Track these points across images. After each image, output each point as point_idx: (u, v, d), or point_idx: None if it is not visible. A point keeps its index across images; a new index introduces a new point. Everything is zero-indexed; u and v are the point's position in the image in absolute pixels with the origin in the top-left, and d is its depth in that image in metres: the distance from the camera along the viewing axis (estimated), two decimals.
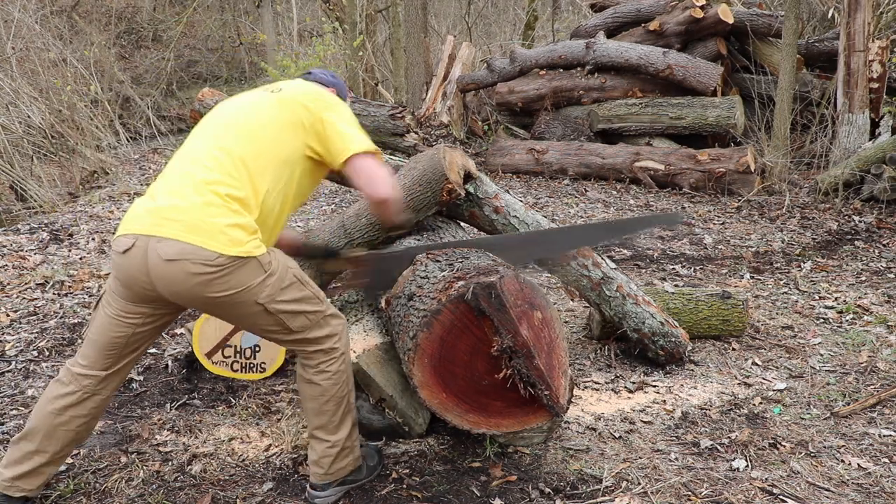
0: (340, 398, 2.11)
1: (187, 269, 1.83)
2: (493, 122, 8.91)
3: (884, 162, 5.84)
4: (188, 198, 1.87)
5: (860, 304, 3.91)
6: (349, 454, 2.17)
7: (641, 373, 3.12)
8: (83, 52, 10.14)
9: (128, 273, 1.90)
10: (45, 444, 2.03)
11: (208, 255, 1.82)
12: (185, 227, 1.83)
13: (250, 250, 1.88)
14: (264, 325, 2.01)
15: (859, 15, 6.58)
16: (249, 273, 1.89)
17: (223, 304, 1.91)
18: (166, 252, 1.82)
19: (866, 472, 2.34)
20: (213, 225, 1.84)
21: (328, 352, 2.08)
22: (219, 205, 1.86)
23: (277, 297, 1.95)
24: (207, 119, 2.08)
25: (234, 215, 1.87)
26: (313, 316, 2.04)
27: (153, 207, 1.89)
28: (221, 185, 1.88)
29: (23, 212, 6.62)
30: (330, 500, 2.17)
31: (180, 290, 1.87)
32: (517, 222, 2.94)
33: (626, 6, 8.55)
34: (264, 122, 1.99)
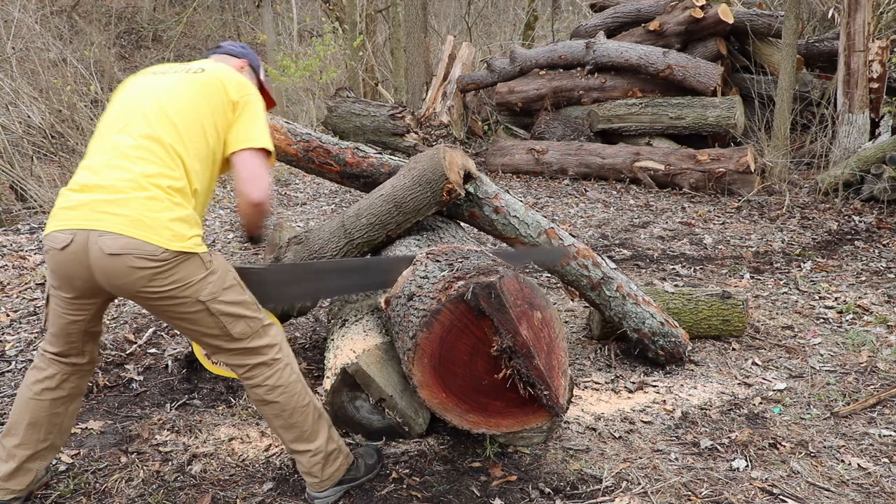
0: (304, 406, 2.08)
1: (130, 264, 1.80)
2: (493, 122, 8.91)
3: (884, 162, 5.84)
4: (127, 191, 1.83)
5: (860, 304, 3.91)
6: (337, 456, 2.16)
7: (641, 373, 3.12)
8: (83, 52, 10.14)
9: (67, 269, 1.86)
10: (28, 434, 2.03)
11: (152, 250, 1.81)
12: (128, 221, 1.80)
13: (192, 246, 1.88)
14: (206, 328, 1.96)
15: (859, 15, 6.58)
16: (192, 269, 1.89)
17: (165, 300, 1.88)
18: (109, 246, 1.80)
19: (866, 472, 2.34)
20: (157, 219, 1.82)
21: (270, 364, 2.04)
22: (162, 198, 1.84)
23: (219, 296, 1.93)
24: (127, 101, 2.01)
25: (176, 208, 1.86)
26: (253, 323, 2.01)
27: (88, 200, 1.83)
28: (161, 178, 1.86)
29: (23, 212, 6.62)
30: (330, 500, 2.17)
31: (122, 283, 1.84)
32: (517, 222, 2.95)
33: (626, 6, 8.55)
34: (191, 110, 1.96)
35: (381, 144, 7.75)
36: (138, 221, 1.81)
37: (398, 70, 10.27)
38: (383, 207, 2.85)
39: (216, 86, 2.02)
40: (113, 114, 2.00)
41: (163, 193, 1.85)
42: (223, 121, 2.01)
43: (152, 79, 2.06)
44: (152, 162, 1.87)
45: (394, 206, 2.83)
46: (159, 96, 1.98)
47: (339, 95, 8.42)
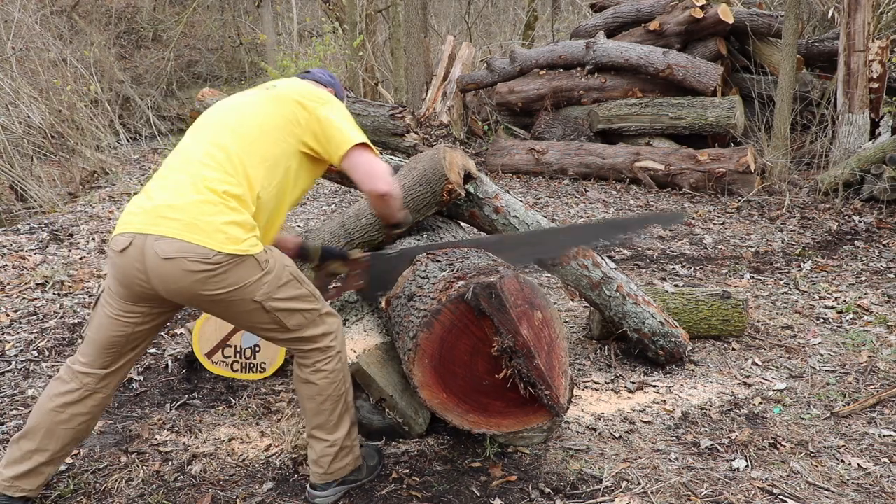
0: (338, 397, 2.12)
1: (185, 267, 1.83)
2: (493, 122, 8.91)
3: (884, 162, 5.84)
4: (185, 195, 1.87)
5: (860, 304, 3.91)
6: (349, 453, 2.17)
7: (641, 373, 3.12)
8: (83, 52, 10.14)
9: (125, 272, 1.90)
10: (45, 443, 2.03)
11: (206, 253, 1.83)
12: (182, 224, 1.84)
13: (247, 248, 1.89)
14: (261, 323, 2.01)
15: (859, 15, 6.58)
16: (247, 271, 1.90)
17: (220, 302, 1.92)
18: (164, 250, 1.83)
19: (866, 472, 2.34)
20: (211, 223, 1.84)
21: (324, 350, 2.09)
22: (216, 202, 1.86)
23: (274, 294, 1.96)
24: (203, 118, 2.09)
25: (231, 212, 1.88)
26: (309, 314, 2.05)
27: (149, 206, 1.89)
28: (218, 182, 1.88)
29: (23, 212, 6.62)
30: (330, 499, 2.17)
31: (177, 287, 1.87)
32: (517, 222, 2.94)
33: (626, 6, 8.55)
34: (259, 120, 2.00)
35: (381, 144, 7.75)
36: (192, 225, 1.83)
37: (398, 70, 10.27)
38: None
39: (288, 100, 2.04)
40: (191, 130, 2.07)
41: (216, 197, 1.87)
42: (306, 132, 2.03)
43: (231, 99, 2.13)
44: (212, 167, 1.90)
45: None
46: (231, 112, 2.04)
47: None
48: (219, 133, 1.98)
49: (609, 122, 7.54)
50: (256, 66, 14.04)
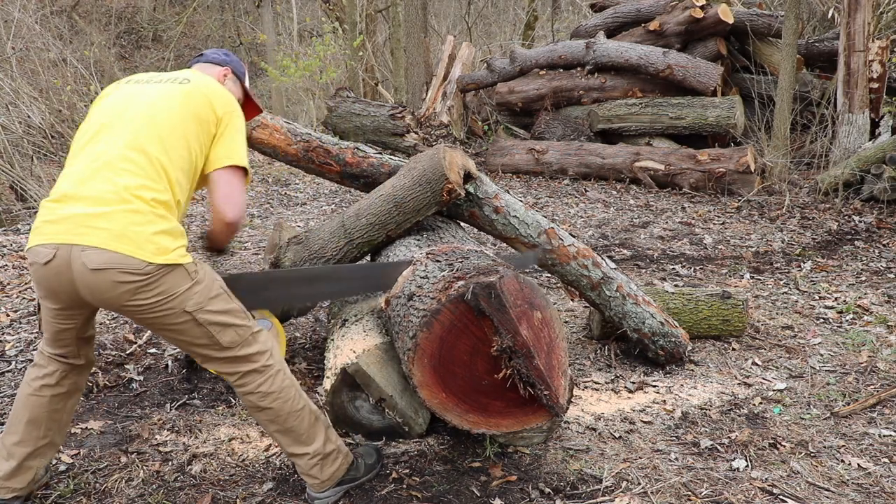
0: (298, 411, 2.07)
1: (114, 278, 1.78)
2: (493, 122, 8.91)
3: (884, 162, 5.84)
4: (110, 203, 1.80)
5: (860, 304, 3.91)
6: (336, 457, 2.15)
7: (641, 373, 3.12)
8: (83, 52, 10.14)
9: (50, 284, 1.85)
10: (28, 431, 2.03)
11: (136, 264, 1.78)
12: (110, 235, 1.78)
13: (177, 258, 1.86)
14: (194, 339, 1.95)
15: (859, 15, 6.58)
16: (177, 280, 1.86)
17: (151, 312, 1.87)
18: (92, 261, 1.77)
19: (866, 472, 2.34)
20: (140, 233, 1.80)
21: (262, 371, 2.03)
22: (146, 212, 1.82)
23: (206, 306, 1.92)
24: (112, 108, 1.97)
25: (160, 221, 1.84)
26: (242, 331, 1.99)
27: (70, 214, 1.81)
28: (145, 190, 1.83)
29: (23, 212, 6.62)
30: (330, 500, 2.17)
31: (107, 297, 1.83)
32: (517, 222, 2.94)
33: (626, 6, 8.55)
34: (175, 120, 1.93)
35: (381, 144, 7.76)
36: (121, 235, 1.78)
37: (398, 70, 10.27)
38: (383, 207, 2.85)
39: (202, 100, 1.99)
40: (96, 121, 1.96)
41: (146, 206, 1.82)
42: (206, 135, 1.99)
43: (137, 87, 2.03)
44: (136, 174, 1.84)
45: (394, 206, 2.83)
46: (145, 106, 1.95)
47: (339, 95, 8.42)
48: (136, 133, 1.89)
49: (609, 122, 7.54)
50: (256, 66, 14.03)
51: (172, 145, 1.91)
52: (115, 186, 1.81)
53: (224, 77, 2.27)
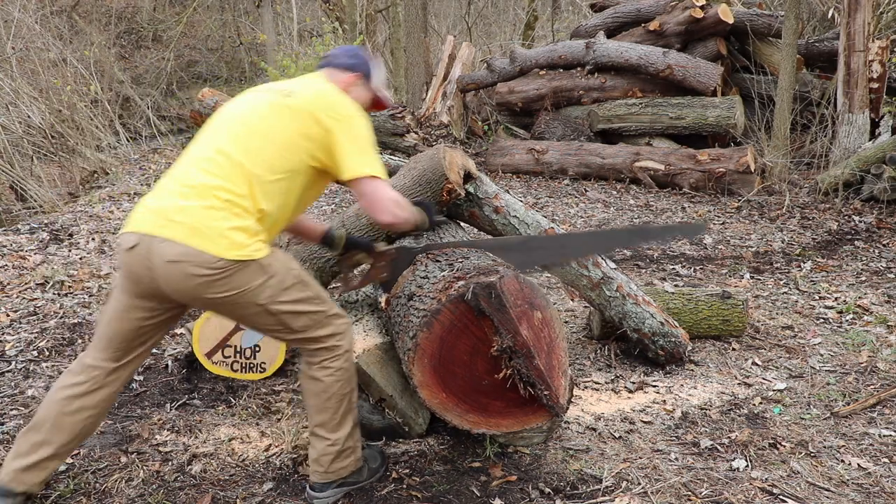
0: (342, 396, 2.12)
1: (187, 271, 1.86)
2: (493, 122, 8.91)
3: (884, 162, 5.83)
4: (191, 199, 1.90)
5: (860, 304, 3.91)
6: (350, 454, 2.17)
7: (641, 373, 3.12)
8: (83, 52, 10.13)
9: (132, 270, 1.94)
10: (52, 435, 2.04)
11: (208, 259, 1.85)
12: (187, 229, 1.86)
13: (250, 253, 1.90)
14: (266, 325, 2.04)
15: (859, 15, 6.58)
16: (249, 275, 1.92)
17: (224, 305, 1.95)
18: (167, 253, 1.86)
19: (866, 472, 2.34)
20: (214, 228, 1.87)
21: (331, 349, 2.10)
22: (220, 207, 1.89)
23: (278, 297, 1.98)
24: (214, 119, 2.09)
25: (235, 218, 1.90)
26: (316, 316, 2.05)
27: (157, 207, 1.93)
28: (223, 191, 1.90)
29: (23, 212, 6.62)
30: (329, 500, 2.17)
31: (181, 289, 1.90)
32: (517, 222, 2.94)
33: (626, 6, 8.55)
34: (269, 132, 1.99)
35: (381, 144, 7.75)
36: (196, 230, 1.86)
37: (398, 70, 10.27)
38: None
39: (304, 115, 2.00)
40: (206, 128, 2.08)
41: (220, 203, 1.89)
42: (318, 148, 2.00)
43: (251, 96, 2.11)
44: (217, 175, 1.92)
45: None
46: (247, 116, 2.03)
47: None
48: (227, 140, 1.98)
49: (609, 122, 7.53)
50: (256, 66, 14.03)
51: (263, 157, 1.96)
52: (196, 184, 1.92)
53: (350, 85, 2.20)
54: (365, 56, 2.27)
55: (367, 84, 2.25)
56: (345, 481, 2.18)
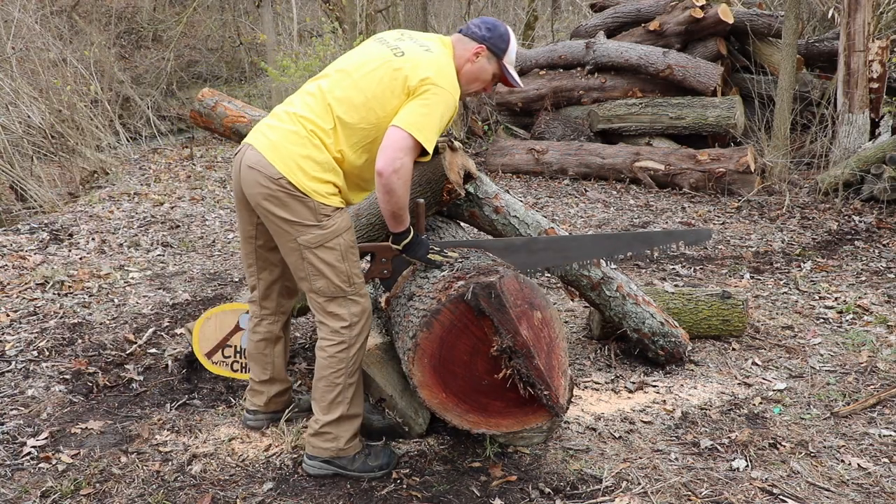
0: (332, 383, 2.18)
1: (257, 179, 2.08)
2: (493, 122, 8.91)
3: (884, 162, 5.83)
4: (284, 122, 2.12)
5: (860, 304, 3.91)
6: (330, 440, 2.23)
7: (641, 373, 3.12)
8: (83, 52, 10.13)
9: (233, 174, 2.24)
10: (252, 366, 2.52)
11: (273, 173, 2.05)
12: (269, 143, 2.09)
13: (312, 189, 2.07)
14: (295, 265, 2.18)
15: (859, 15, 6.58)
16: (302, 211, 2.07)
17: (273, 224, 2.12)
18: (249, 159, 2.11)
19: (866, 472, 2.34)
20: (290, 150, 2.07)
21: (333, 332, 2.17)
22: (302, 135, 2.08)
23: (315, 249, 2.11)
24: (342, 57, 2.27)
25: (312, 149, 2.08)
26: (335, 289, 2.15)
27: (262, 124, 2.19)
28: (310, 122, 2.09)
29: (23, 212, 6.61)
30: (313, 471, 2.26)
31: (251, 194, 2.11)
32: (517, 222, 2.94)
33: (626, 6, 8.54)
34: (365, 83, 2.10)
35: None
36: (275, 146, 2.08)
37: None
38: None
39: (399, 74, 2.09)
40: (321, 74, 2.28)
41: (305, 132, 2.08)
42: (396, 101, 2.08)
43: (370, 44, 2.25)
44: (311, 108, 2.12)
45: None
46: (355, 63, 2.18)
47: None
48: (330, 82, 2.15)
49: (609, 122, 7.53)
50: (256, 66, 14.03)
51: (352, 103, 2.10)
52: (293, 112, 2.14)
53: (476, 56, 2.22)
54: (501, 31, 2.25)
55: (495, 59, 2.25)
56: (331, 462, 2.24)
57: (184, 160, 8.62)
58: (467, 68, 2.23)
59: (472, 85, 2.27)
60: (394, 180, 2.04)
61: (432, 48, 2.18)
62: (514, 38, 2.30)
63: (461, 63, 2.23)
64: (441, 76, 2.10)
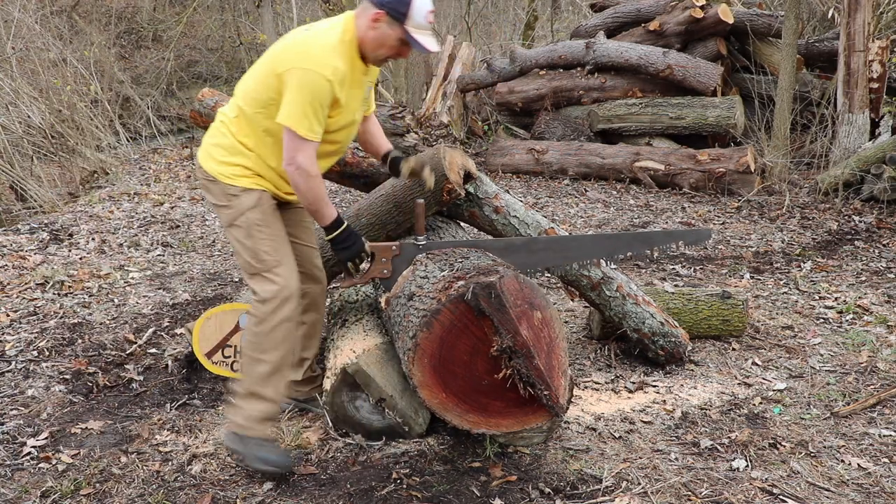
0: (249, 357, 2.29)
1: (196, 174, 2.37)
2: (493, 122, 8.91)
3: (884, 162, 5.83)
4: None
5: (860, 304, 3.91)
6: (235, 413, 2.30)
7: (641, 373, 3.12)
8: (83, 52, 10.12)
9: None
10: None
11: (198, 165, 2.33)
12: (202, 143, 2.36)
13: (219, 173, 2.26)
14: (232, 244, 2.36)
15: (859, 15, 6.58)
16: (217, 193, 2.28)
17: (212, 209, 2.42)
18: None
19: (866, 472, 2.34)
20: (205, 142, 2.33)
21: (256, 308, 2.27)
22: (215, 128, 2.33)
23: (229, 228, 2.29)
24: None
25: (220, 136, 2.28)
26: (247, 265, 2.29)
27: None
28: (222, 115, 2.33)
29: (23, 212, 6.61)
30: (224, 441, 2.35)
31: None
32: (517, 222, 2.94)
33: (626, 6, 8.54)
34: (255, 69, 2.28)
35: None
36: (201, 143, 2.36)
37: (398, 70, 10.26)
38: (383, 207, 2.85)
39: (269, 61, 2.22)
40: None
41: (217, 124, 2.33)
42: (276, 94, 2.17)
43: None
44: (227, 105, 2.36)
45: (394, 206, 2.83)
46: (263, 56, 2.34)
47: None
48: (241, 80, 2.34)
49: (609, 122, 7.53)
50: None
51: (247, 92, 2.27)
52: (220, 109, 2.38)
53: (374, 22, 2.16)
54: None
55: (397, 23, 2.15)
56: (234, 435, 2.28)
57: (184, 160, 8.62)
58: (370, 35, 2.19)
59: (378, 51, 2.23)
60: (295, 177, 2.17)
61: (315, 27, 2.24)
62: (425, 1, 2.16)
63: (363, 31, 2.19)
64: (304, 58, 2.13)
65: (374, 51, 2.23)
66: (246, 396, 2.29)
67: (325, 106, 2.16)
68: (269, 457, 2.26)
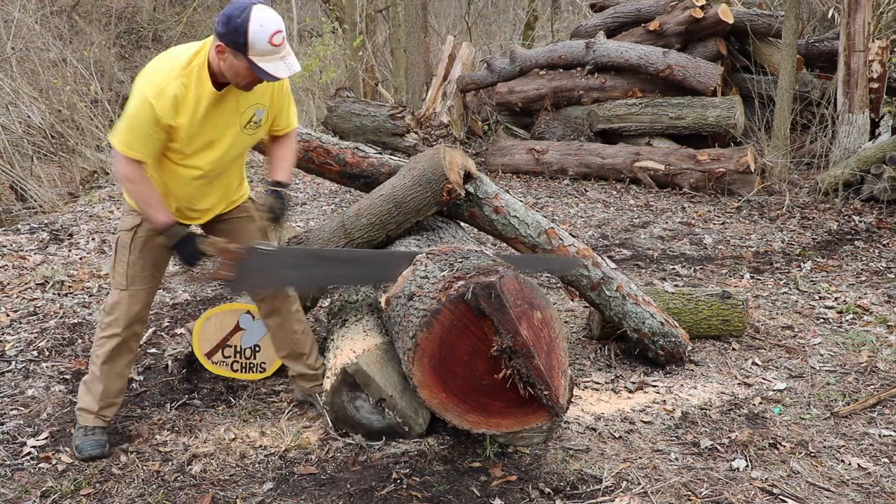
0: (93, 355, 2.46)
1: None
2: (493, 122, 8.91)
3: (884, 162, 5.83)
4: None
5: (860, 304, 3.91)
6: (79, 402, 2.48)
7: (641, 373, 3.12)
8: (83, 52, 10.13)
9: None
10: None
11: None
12: None
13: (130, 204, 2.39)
14: None
15: (859, 15, 6.58)
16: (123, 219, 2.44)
17: None
18: None
19: (866, 472, 2.34)
20: None
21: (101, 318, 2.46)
22: None
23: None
24: None
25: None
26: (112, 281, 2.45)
27: None
28: None
29: (23, 212, 6.61)
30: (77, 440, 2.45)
31: None
32: (517, 222, 2.95)
33: (626, 6, 8.54)
34: None
35: (381, 144, 7.74)
36: None
37: (398, 70, 10.27)
38: (383, 207, 2.85)
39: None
40: None
41: None
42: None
43: None
44: None
45: (394, 206, 2.83)
46: None
47: (338, 95, 8.42)
48: None
49: (609, 122, 7.53)
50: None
51: None
52: None
53: (220, 54, 2.10)
54: (236, 24, 2.03)
55: (239, 54, 2.06)
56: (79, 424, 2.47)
57: None
58: (222, 66, 2.12)
59: (237, 80, 2.15)
60: (124, 185, 2.30)
61: (176, 49, 2.25)
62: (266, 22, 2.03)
63: (214, 62, 2.14)
64: (142, 77, 2.18)
65: (234, 79, 2.14)
66: (83, 384, 2.50)
67: (147, 126, 2.13)
68: (84, 446, 2.42)
